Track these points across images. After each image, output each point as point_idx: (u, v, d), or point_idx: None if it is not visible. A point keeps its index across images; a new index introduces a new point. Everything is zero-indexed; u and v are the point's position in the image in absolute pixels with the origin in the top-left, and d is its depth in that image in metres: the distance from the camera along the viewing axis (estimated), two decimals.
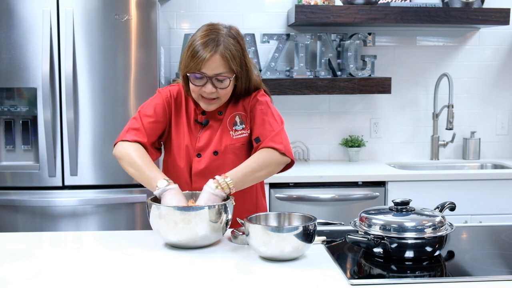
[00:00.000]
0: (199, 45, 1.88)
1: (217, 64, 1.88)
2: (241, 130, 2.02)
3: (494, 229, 2.06)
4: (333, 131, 3.83)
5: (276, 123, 1.99)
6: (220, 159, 2.01)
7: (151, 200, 1.79)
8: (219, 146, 2.01)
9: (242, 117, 2.03)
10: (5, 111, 2.93)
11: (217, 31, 1.91)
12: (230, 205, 1.79)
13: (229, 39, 1.91)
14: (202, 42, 1.88)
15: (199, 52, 1.87)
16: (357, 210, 1.95)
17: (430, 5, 3.62)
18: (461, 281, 1.49)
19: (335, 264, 1.61)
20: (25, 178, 2.94)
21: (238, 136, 2.02)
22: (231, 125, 2.02)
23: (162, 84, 3.03)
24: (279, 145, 1.94)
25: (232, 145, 2.01)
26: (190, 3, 3.67)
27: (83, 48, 2.89)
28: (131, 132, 1.98)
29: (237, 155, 2.02)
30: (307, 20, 3.43)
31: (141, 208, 2.97)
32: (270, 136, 1.95)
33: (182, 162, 2.02)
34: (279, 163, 1.96)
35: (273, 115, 2.02)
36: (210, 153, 2.01)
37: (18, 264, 1.63)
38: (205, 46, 1.87)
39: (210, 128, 2.03)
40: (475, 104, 3.91)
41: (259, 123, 1.99)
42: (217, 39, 1.89)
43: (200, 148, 2.02)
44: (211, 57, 1.87)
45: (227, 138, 2.01)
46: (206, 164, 2.00)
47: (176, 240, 1.74)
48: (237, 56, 1.92)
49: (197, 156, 2.02)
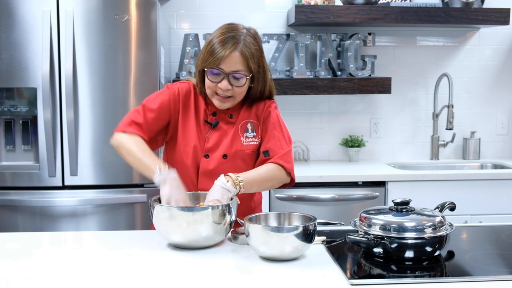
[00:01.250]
0: (218, 41, 1.90)
1: (235, 61, 1.90)
2: (252, 137, 2.04)
3: (494, 229, 2.06)
4: (333, 131, 3.83)
5: (285, 142, 2.03)
6: (229, 162, 2.01)
7: (153, 201, 1.79)
8: (229, 150, 2.01)
9: (254, 125, 2.05)
10: (5, 111, 2.93)
11: (236, 30, 1.93)
12: (234, 205, 1.78)
13: (249, 38, 1.93)
14: (222, 39, 1.90)
15: (219, 48, 1.89)
16: (357, 210, 1.95)
17: (430, 5, 3.62)
18: (461, 281, 1.49)
19: (335, 264, 1.61)
20: (25, 178, 2.94)
21: (249, 143, 2.03)
22: (243, 131, 2.03)
23: (162, 84, 3.03)
24: (288, 165, 1.98)
25: (242, 151, 2.02)
26: (190, 3, 3.67)
27: (83, 48, 2.89)
28: (133, 126, 1.98)
29: (246, 161, 2.04)
30: (307, 20, 3.43)
31: (141, 208, 2.97)
32: (280, 154, 1.98)
33: (189, 161, 2.02)
34: (282, 181, 2.00)
35: (283, 132, 2.05)
36: (219, 156, 2.01)
37: (18, 264, 1.63)
38: (225, 43, 1.89)
39: (219, 130, 2.03)
40: (475, 104, 3.91)
41: (270, 137, 2.02)
42: (237, 37, 1.91)
43: (208, 149, 2.01)
44: (230, 53, 1.89)
45: (237, 144, 2.02)
46: (214, 166, 2.00)
47: (179, 241, 1.73)
48: (256, 55, 1.94)
49: (205, 157, 2.01)
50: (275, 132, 2.02)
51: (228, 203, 1.75)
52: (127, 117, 2.02)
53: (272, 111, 2.05)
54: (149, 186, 2.94)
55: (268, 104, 2.06)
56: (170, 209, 1.71)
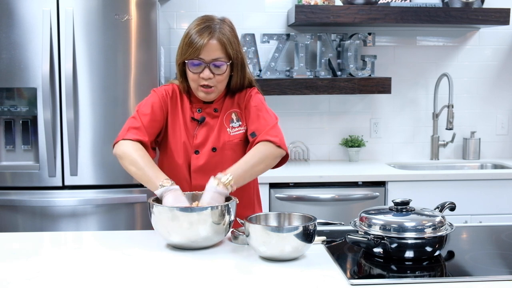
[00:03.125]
0: (195, 32, 1.94)
1: (214, 48, 1.94)
2: (238, 126, 2.06)
3: (494, 229, 2.06)
4: (333, 131, 3.83)
5: (270, 118, 2.03)
6: (219, 155, 2.03)
7: (152, 201, 1.79)
8: (217, 142, 2.03)
9: (238, 114, 2.07)
10: (5, 111, 2.93)
11: (211, 20, 1.98)
12: (233, 205, 1.78)
13: (225, 25, 1.98)
14: (198, 29, 1.95)
15: (197, 39, 1.93)
16: (357, 210, 1.95)
17: (430, 5, 3.62)
18: (461, 281, 1.49)
19: (335, 264, 1.61)
20: (25, 178, 2.94)
21: (236, 133, 2.05)
22: (228, 122, 2.05)
23: (162, 84, 3.03)
24: (275, 138, 1.96)
25: (230, 141, 2.04)
26: (190, 3, 3.67)
27: (83, 48, 2.89)
28: (131, 131, 1.98)
29: (235, 151, 2.05)
30: (307, 20, 3.43)
31: (141, 208, 2.97)
32: (265, 130, 1.98)
33: (181, 159, 2.03)
34: (275, 156, 1.97)
35: (267, 110, 2.06)
36: (208, 150, 2.03)
37: (18, 264, 1.63)
38: (202, 33, 1.93)
39: (207, 125, 2.05)
40: (475, 104, 3.91)
41: (254, 118, 2.03)
42: (212, 26, 1.96)
43: (197, 145, 2.03)
44: (208, 41, 1.93)
45: (224, 135, 2.04)
46: (205, 161, 2.02)
47: (178, 241, 1.73)
48: (233, 42, 1.98)
49: (195, 153, 2.03)
50: (259, 113, 2.04)
51: (227, 203, 1.75)
52: (125, 125, 2.03)
53: (253, 95, 2.08)
54: None
55: (249, 91, 2.09)
56: (169, 209, 1.70)
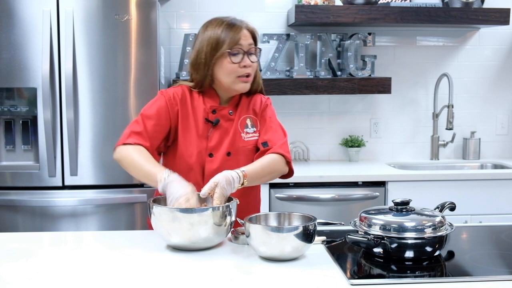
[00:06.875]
0: (225, 27, 1.98)
1: (248, 36, 2.01)
2: (252, 133, 2.07)
3: (494, 229, 2.06)
4: (333, 131, 3.83)
5: (282, 133, 2.08)
6: (232, 160, 2.02)
7: (152, 201, 1.78)
8: (231, 147, 2.03)
9: (253, 121, 2.08)
10: (5, 111, 2.93)
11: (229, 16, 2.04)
12: (234, 206, 1.77)
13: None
14: (227, 22, 1.99)
15: (231, 32, 1.96)
16: (357, 210, 1.95)
17: (430, 5, 3.62)
18: (461, 281, 1.49)
19: (335, 264, 1.61)
20: (25, 178, 2.94)
21: (249, 139, 2.05)
22: (243, 127, 2.05)
23: (162, 84, 3.03)
24: (287, 155, 2.00)
25: (244, 147, 2.04)
26: (190, 3, 3.67)
27: (83, 48, 2.89)
28: (132, 136, 1.95)
29: (248, 157, 2.05)
30: (307, 20, 3.43)
31: (141, 208, 2.97)
32: (279, 144, 2.01)
33: (194, 162, 2.01)
34: (281, 172, 2.02)
35: (279, 125, 2.11)
36: (223, 154, 2.02)
37: (18, 264, 1.63)
38: (233, 25, 1.99)
39: (221, 128, 2.03)
40: (475, 104, 3.91)
41: (267, 129, 2.06)
42: (237, 18, 2.03)
43: (212, 147, 2.02)
44: (242, 30, 1.99)
45: (239, 140, 2.04)
46: (219, 165, 2.00)
47: (178, 242, 1.72)
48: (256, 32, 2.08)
49: (209, 156, 2.02)
50: (272, 125, 2.07)
51: (228, 204, 1.75)
52: (127, 129, 1.99)
53: (269, 106, 2.13)
54: (149, 186, 2.93)
55: (265, 100, 2.13)
56: (169, 210, 1.69)
